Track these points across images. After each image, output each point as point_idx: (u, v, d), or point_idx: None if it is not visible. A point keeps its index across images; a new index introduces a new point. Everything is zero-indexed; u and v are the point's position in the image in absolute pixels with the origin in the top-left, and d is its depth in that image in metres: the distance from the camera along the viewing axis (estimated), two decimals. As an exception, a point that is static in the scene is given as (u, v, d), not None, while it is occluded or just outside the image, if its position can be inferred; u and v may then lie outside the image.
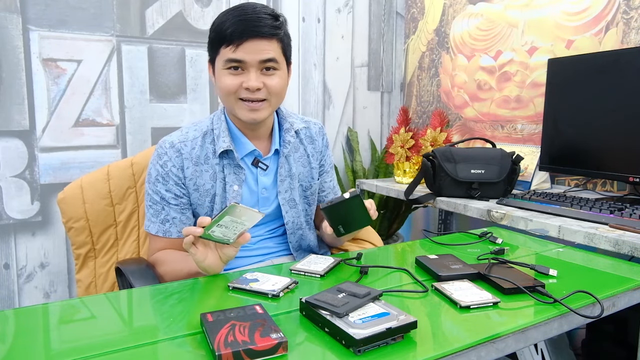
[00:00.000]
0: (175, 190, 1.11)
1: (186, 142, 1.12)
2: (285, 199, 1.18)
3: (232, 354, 0.58)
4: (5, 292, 1.73)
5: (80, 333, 0.68)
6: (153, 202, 1.12)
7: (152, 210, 1.12)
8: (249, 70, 1.04)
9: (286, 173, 1.18)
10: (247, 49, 1.02)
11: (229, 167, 1.12)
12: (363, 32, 2.45)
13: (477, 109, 2.12)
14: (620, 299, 0.85)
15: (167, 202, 1.11)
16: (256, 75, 1.04)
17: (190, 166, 1.11)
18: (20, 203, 1.72)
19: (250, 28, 1.01)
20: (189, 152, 1.11)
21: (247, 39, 1.02)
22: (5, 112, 1.66)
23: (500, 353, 0.68)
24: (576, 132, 1.56)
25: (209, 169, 1.12)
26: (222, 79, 1.06)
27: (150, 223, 1.13)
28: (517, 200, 1.45)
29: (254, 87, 1.04)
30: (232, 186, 1.12)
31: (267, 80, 1.06)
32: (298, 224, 1.21)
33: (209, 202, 1.13)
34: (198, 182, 1.11)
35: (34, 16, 1.68)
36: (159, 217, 1.12)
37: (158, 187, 1.11)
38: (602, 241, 1.10)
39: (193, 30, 1.97)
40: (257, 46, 1.03)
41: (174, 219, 1.12)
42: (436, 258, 0.96)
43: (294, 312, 0.74)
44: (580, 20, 1.69)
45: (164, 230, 1.11)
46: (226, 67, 1.05)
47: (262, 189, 1.16)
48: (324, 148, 1.28)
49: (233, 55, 1.03)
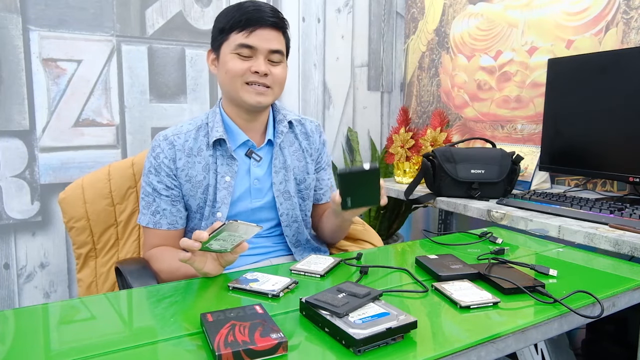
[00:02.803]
0: (166, 181, 1.12)
1: (179, 134, 1.15)
2: (280, 190, 1.19)
3: (232, 354, 0.58)
4: (5, 292, 1.73)
5: (80, 333, 0.68)
6: (145, 194, 1.14)
7: (144, 202, 1.14)
8: (258, 56, 1.09)
9: (281, 165, 1.20)
10: (259, 36, 1.08)
11: (222, 159, 1.14)
12: (363, 32, 2.45)
13: (477, 109, 2.12)
14: (620, 299, 0.85)
15: (158, 193, 1.13)
16: (264, 62, 1.10)
17: (183, 157, 1.13)
18: (20, 203, 1.72)
19: (265, 17, 1.08)
20: (182, 144, 1.14)
21: (260, 27, 1.08)
22: (5, 112, 1.66)
23: (500, 353, 0.68)
24: (576, 132, 1.56)
25: (202, 161, 1.14)
26: (230, 62, 1.09)
27: (142, 215, 1.15)
28: (517, 200, 1.45)
29: (263, 71, 1.09)
30: (224, 177, 1.14)
31: (272, 69, 1.11)
32: (293, 216, 1.22)
33: (201, 194, 1.14)
34: (190, 173, 1.13)
35: (34, 16, 1.68)
36: (150, 208, 1.13)
37: (150, 179, 1.13)
38: (602, 241, 1.10)
39: (193, 30, 1.97)
40: (268, 35, 1.09)
41: (164, 211, 1.13)
42: (436, 258, 0.96)
43: (294, 312, 0.74)
44: (580, 20, 1.69)
45: (154, 222, 1.13)
46: (235, 52, 1.09)
47: (255, 180, 1.17)
48: (321, 146, 1.29)
49: (245, 40, 1.08)
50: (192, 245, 0.85)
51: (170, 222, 1.13)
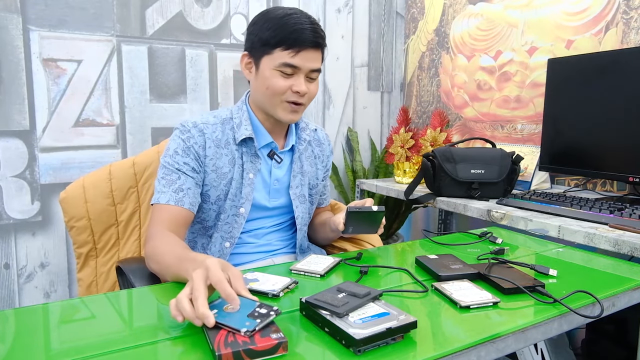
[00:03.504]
0: (193, 164, 1.10)
1: (207, 124, 1.14)
2: (296, 194, 1.22)
3: (232, 354, 0.58)
4: (6, 292, 1.73)
5: (80, 333, 0.68)
6: (167, 173, 1.09)
7: (165, 181, 1.08)
8: (299, 75, 1.09)
9: (298, 169, 1.23)
10: (305, 57, 1.08)
11: (247, 155, 1.16)
12: (363, 32, 2.45)
13: (477, 109, 2.12)
14: (620, 299, 0.85)
15: (184, 172, 1.09)
16: (305, 81, 1.10)
17: (212, 146, 1.13)
18: (20, 203, 1.72)
19: (312, 39, 1.07)
20: (211, 134, 1.13)
21: (307, 48, 1.07)
22: (5, 112, 1.66)
23: (500, 353, 0.68)
24: (576, 132, 1.56)
25: (228, 154, 1.14)
26: (271, 79, 1.09)
27: (160, 195, 1.06)
28: (517, 200, 1.45)
29: (304, 92, 1.09)
30: (249, 174, 1.15)
31: (309, 86, 1.12)
32: (305, 219, 1.25)
33: (224, 186, 1.14)
34: (217, 163, 1.13)
35: (34, 16, 1.68)
36: (172, 186, 1.07)
37: (177, 159, 1.09)
38: (602, 241, 1.10)
39: (193, 30, 1.97)
40: (311, 55, 1.09)
41: (189, 190, 1.08)
42: (436, 258, 0.96)
43: (294, 312, 0.74)
44: (580, 20, 1.69)
45: (177, 199, 1.06)
46: (279, 69, 1.08)
47: (274, 181, 1.19)
48: (330, 154, 1.34)
49: (291, 60, 1.07)
50: (175, 316, 0.68)
51: (192, 202, 1.08)
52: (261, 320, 0.64)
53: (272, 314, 0.65)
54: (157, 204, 1.07)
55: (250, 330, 0.61)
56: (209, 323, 0.64)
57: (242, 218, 1.16)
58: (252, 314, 0.65)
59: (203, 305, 0.65)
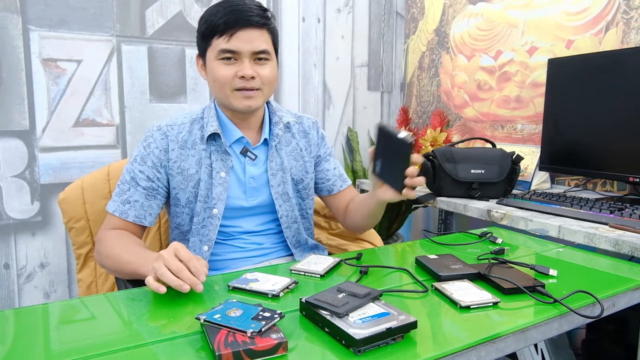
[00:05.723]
0: (149, 172, 1.10)
1: (174, 126, 1.14)
2: (279, 192, 1.19)
3: (232, 354, 0.58)
4: (5, 292, 1.73)
5: (80, 333, 0.68)
6: (122, 181, 1.11)
7: (118, 190, 1.11)
8: (243, 60, 1.06)
9: (278, 167, 1.19)
10: (241, 39, 1.05)
11: (216, 154, 1.13)
12: (363, 32, 2.45)
13: (477, 109, 2.12)
14: (620, 299, 0.85)
15: (136, 183, 1.10)
16: (250, 65, 1.07)
17: (176, 149, 1.12)
18: (20, 203, 1.72)
19: (243, 18, 1.04)
20: (175, 135, 1.12)
21: (240, 29, 1.04)
22: (5, 112, 1.66)
23: (500, 353, 0.68)
24: (576, 132, 1.56)
25: (195, 154, 1.13)
26: (215, 69, 1.07)
27: (111, 201, 1.11)
28: (517, 200, 1.45)
29: (249, 75, 1.06)
30: (219, 172, 1.12)
31: (260, 70, 1.08)
32: (292, 217, 1.21)
33: (192, 187, 1.13)
34: (182, 165, 1.12)
35: (34, 16, 1.68)
36: (121, 197, 1.10)
37: (133, 167, 1.11)
38: (602, 241, 1.10)
39: (193, 30, 1.96)
40: (249, 35, 1.05)
41: (136, 203, 1.09)
42: (436, 258, 0.96)
43: (294, 312, 0.74)
44: (580, 20, 1.69)
45: (122, 211, 1.09)
46: (219, 58, 1.06)
47: (250, 179, 1.16)
48: (320, 140, 1.28)
49: (227, 45, 1.05)
50: (157, 289, 0.79)
51: (137, 215, 1.09)
52: (266, 322, 0.64)
53: (276, 317, 0.66)
54: (108, 211, 1.11)
55: (256, 331, 0.62)
56: (202, 280, 0.80)
57: (216, 219, 1.13)
58: (257, 317, 0.66)
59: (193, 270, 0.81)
